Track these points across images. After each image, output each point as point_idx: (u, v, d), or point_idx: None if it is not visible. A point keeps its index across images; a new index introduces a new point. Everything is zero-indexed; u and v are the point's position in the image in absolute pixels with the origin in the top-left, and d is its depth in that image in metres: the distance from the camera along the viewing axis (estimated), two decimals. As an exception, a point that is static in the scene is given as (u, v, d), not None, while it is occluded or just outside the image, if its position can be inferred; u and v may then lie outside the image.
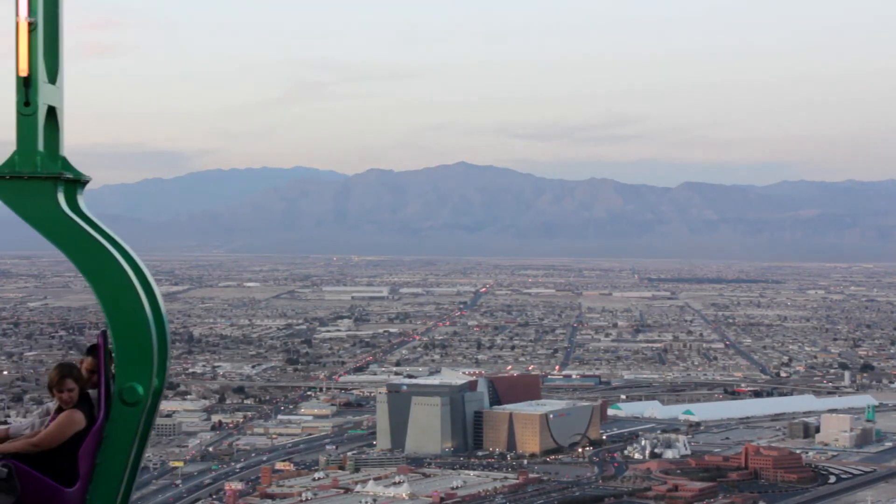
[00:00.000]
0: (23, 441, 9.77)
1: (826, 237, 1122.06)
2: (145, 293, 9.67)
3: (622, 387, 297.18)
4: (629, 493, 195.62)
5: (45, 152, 9.59)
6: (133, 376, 9.51)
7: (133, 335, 9.49)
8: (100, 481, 9.62)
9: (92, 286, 9.52)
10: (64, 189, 9.69)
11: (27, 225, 11.70)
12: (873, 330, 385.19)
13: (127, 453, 9.66)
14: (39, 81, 9.48)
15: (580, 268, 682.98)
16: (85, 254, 9.58)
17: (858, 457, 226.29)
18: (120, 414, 9.59)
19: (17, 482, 9.44)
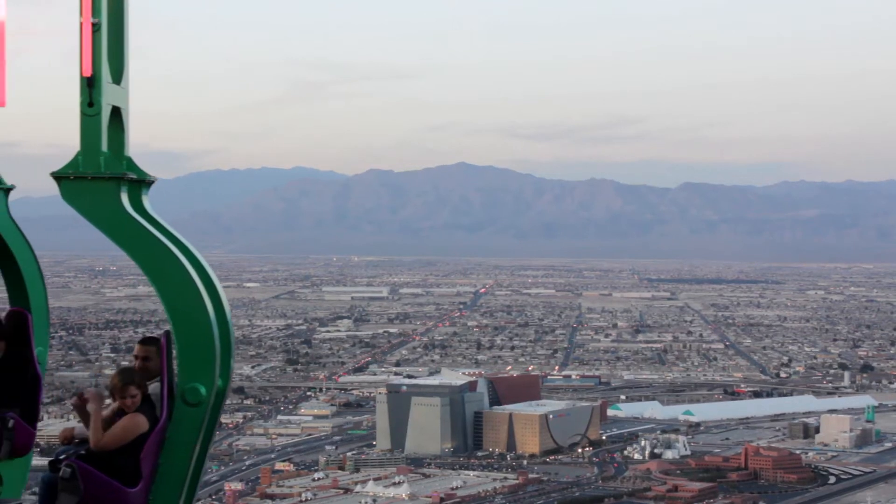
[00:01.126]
0: (96, 430, 9.79)
1: (826, 237, 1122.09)
2: (209, 294, 9.66)
3: (622, 387, 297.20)
4: (629, 494, 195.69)
5: (109, 153, 9.60)
6: (195, 377, 9.50)
7: (195, 336, 9.50)
8: (162, 482, 9.64)
9: (155, 287, 9.54)
10: (128, 189, 9.70)
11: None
12: (873, 330, 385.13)
13: (189, 454, 9.66)
14: (103, 82, 9.48)
15: (580, 268, 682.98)
16: (148, 254, 9.56)
17: (858, 457, 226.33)
18: (182, 415, 9.58)
19: (80, 482, 9.43)
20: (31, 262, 11.66)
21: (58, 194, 11.30)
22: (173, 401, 9.65)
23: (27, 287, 11.59)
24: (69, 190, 9.54)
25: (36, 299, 11.65)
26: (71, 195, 9.55)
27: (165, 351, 9.79)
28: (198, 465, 9.82)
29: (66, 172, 9.53)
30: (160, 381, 9.83)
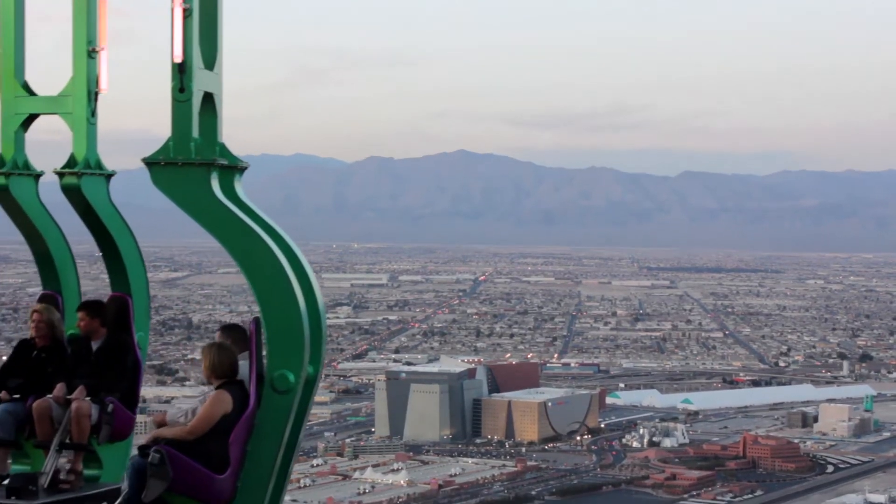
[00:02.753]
0: (178, 429, 9.88)
1: (826, 227, 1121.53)
2: (300, 282, 9.66)
3: (621, 375, 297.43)
4: (627, 482, 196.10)
5: (200, 139, 9.58)
6: (285, 364, 9.51)
7: (285, 324, 9.49)
8: (251, 469, 9.64)
9: (245, 273, 9.53)
10: (219, 175, 9.67)
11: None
12: (872, 320, 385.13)
13: (278, 441, 9.65)
14: (195, 68, 9.48)
15: (579, 256, 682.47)
16: (238, 241, 9.55)
17: (856, 446, 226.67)
18: (271, 401, 9.58)
19: (169, 468, 9.48)
20: (131, 248, 11.82)
21: (55, 179, 11.35)
22: (262, 388, 9.64)
23: (128, 272, 11.79)
24: (159, 176, 9.55)
25: (137, 284, 11.84)
26: (161, 181, 9.56)
27: (255, 337, 9.75)
28: (287, 452, 9.82)
29: (156, 158, 9.54)
30: (249, 367, 9.84)
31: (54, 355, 11.59)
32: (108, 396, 11.05)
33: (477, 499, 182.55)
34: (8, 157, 11.68)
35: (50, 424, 11.04)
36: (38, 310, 11.73)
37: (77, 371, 11.29)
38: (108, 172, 11.69)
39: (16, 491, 10.54)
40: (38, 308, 11.75)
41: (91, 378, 11.14)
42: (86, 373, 11.23)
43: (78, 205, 11.53)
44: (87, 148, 11.48)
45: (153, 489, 9.48)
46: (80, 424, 10.91)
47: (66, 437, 10.96)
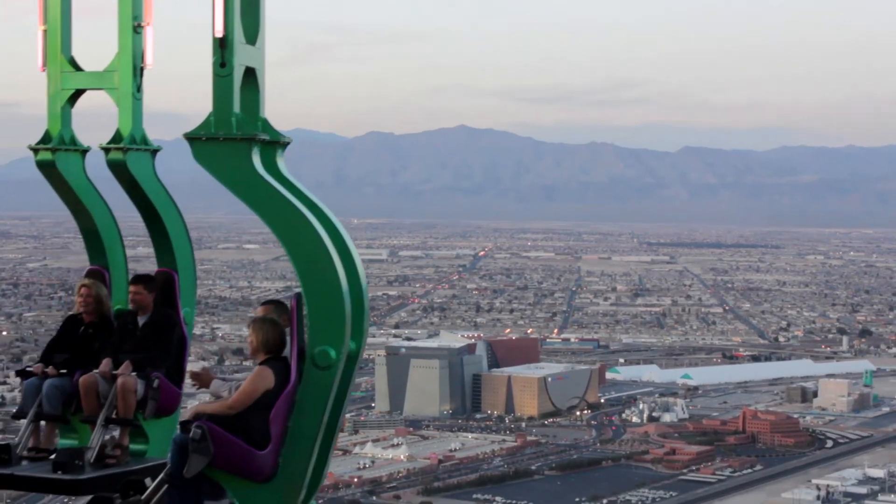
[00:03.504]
0: (219, 403, 9.91)
1: (825, 202, 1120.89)
2: (342, 258, 9.65)
3: (621, 350, 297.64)
4: (627, 457, 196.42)
5: (241, 114, 9.55)
6: (326, 340, 9.50)
7: (326, 299, 9.48)
8: (292, 444, 9.65)
9: (286, 249, 9.52)
10: (260, 151, 9.64)
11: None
12: (872, 295, 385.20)
13: (320, 417, 9.65)
14: (236, 42, 9.45)
15: (579, 232, 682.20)
16: (278, 216, 9.53)
17: (856, 421, 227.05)
18: (313, 377, 9.58)
19: (210, 444, 9.52)
20: (177, 223, 11.82)
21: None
22: (304, 364, 9.65)
23: (174, 248, 11.80)
24: (201, 151, 9.52)
25: (183, 260, 11.84)
26: (202, 156, 9.52)
27: (296, 313, 9.75)
28: (329, 428, 9.81)
29: (197, 133, 9.50)
30: (290, 343, 9.85)
31: (101, 330, 11.70)
32: (154, 372, 11.17)
33: (477, 473, 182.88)
34: (55, 132, 11.75)
35: (96, 399, 11.17)
36: (85, 285, 11.85)
37: (123, 346, 11.39)
38: (154, 147, 11.73)
39: (62, 465, 10.70)
40: (85, 283, 11.87)
41: (137, 353, 11.26)
42: (132, 348, 11.34)
43: (123, 180, 11.56)
44: (133, 123, 11.54)
45: (195, 464, 9.53)
46: (126, 399, 11.06)
47: (113, 412, 11.11)
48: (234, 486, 9.69)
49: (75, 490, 10.77)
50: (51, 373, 11.50)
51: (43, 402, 11.44)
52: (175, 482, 9.70)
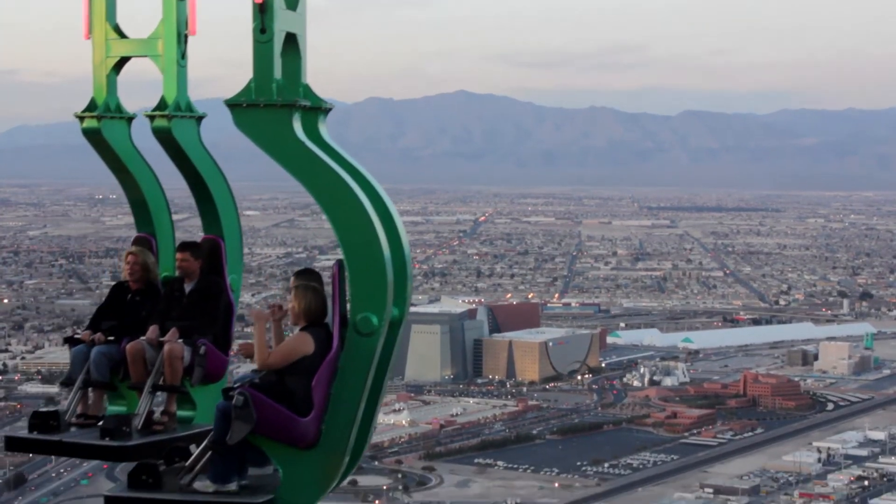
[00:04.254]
0: (256, 354, 9.91)
1: (826, 165, 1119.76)
2: (384, 224, 9.59)
3: (621, 315, 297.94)
4: (628, 420, 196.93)
5: (282, 80, 9.48)
6: (368, 307, 9.46)
7: (367, 266, 9.44)
8: (335, 412, 9.61)
9: (327, 215, 9.48)
10: (301, 117, 9.56)
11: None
12: (872, 258, 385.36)
13: (362, 384, 9.61)
14: (276, 8, 9.37)
15: (580, 196, 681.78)
16: (320, 183, 9.46)
17: (856, 384, 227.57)
18: (355, 344, 9.54)
19: (253, 411, 9.51)
20: (223, 190, 11.82)
21: (54, 122, 11.32)
22: (346, 331, 9.61)
23: (220, 215, 11.79)
24: (241, 118, 9.44)
25: (229, 227, 11.85)
26: (243, 123, 9.45)
27: (338, 280, 9.70)
28: (372, 396, 9.78)
29: (238, 100, 9.43)
30: (332, 309, 9.81)
31: (148, 297, 11.74)
32: (201, 339, 11.22)
33: (478, 438, 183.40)
34: (100, 100, 11.74)
35: (143, 366, 11.21)
36: (132, 252, 11.89)
37: (170, 313, 11.41)
38: (199, 115, 11.67)
39: (110, 432, 10.77)
40: (132, 251, 11.91)
41: (184, 320, 11.28)
42: (179, 315, 11.36)
43: (169, 147, 11.51)
44: (178, 90, 11.49)
45: (238, 431, 9.54)
46: (173, 366, 11.10)
47: (160, 378, 11.15)
48: (277, 452, 9.70)
49: (122, 456, 10.84)
50: (98, 340, 11.54)
51: (91, 369, 11.45)
52: (218, 449, 9.73)
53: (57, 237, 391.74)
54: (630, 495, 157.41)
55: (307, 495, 9.76)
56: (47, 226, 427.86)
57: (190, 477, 9.88)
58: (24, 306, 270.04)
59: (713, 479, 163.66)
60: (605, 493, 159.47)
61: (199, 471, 9.88)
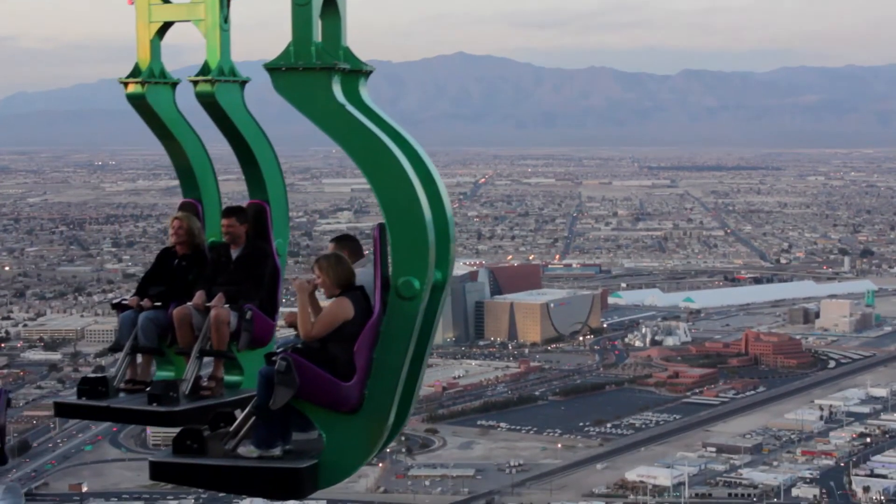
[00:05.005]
0: (300, 326, 9.93)
1: (826, 123, 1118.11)
2: (425, 188, 9.55)
3: (622, 275, 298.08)
4: (630, 381, 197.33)
5: (321, 43, 9.45)
6: (409, 271, 9.42)
7: (408, 229, 9.38)
8: (378, 376, 9.58)
9: (367, 179, 9.46)
10: (341, 80, 9.51)
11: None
12: (873, 215, 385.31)
13: (405, 348, 9.57)
14: None
15: (580, 157, 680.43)
16: (360, 146, 9.43)
17: (858, 342, 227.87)
18: (396, 308, 9.50)
19: (295, 376, 9.52)
20: (268, 154, 11.79)
21: (53, 89, 11.23)
22: (387, 295, 9.58)
23: (265, 179, 11.74)
24: (281, 82, 9.41)
25: (275, 191, 11.80)
26: (283, 87, 9.42)
27: (379, 244, 9.69)
28: (416, 360, 9.75)
29: (277, 64, 9.39)
30: (373, 273, 9.80)
31: (195, 263, 11.76)
32: (247, 304, 11.23)
33: (481, 400, 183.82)
34: (144, 65, 11.76)
35: (190, 331, 11.26)
36: (178, 217, 11.90)
37: (217, 279, 11.45)
38: (243, 79, 11.64)
39: (157, 397, 10.89)
40: (178, 216, 11.92)
41: (230, 285, 11.32)
42: (225, 280, 11.40)
43: (213, 112, 11.50)
44: (221, 55, 11.44)
45: (280, 396, 9.54)
46: (220, 331, 11.14)
47: (207, 344, 11.20)
48: (320, 417, 9.71)
49: (170, 422, 10.88)
50: (146, 305, 11.56)
51: (138, 334, 11.50)
52: (262, 414, 9.75)
53: (57, 204, 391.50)
54: (633, 455, 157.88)
55: (351, 460, 9.78)
56: (47, 193, 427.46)
57: (234, 442, 9.93)
58: (25, 273, 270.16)
59: (715, 438, 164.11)
60: (608, 453, 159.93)
61: (243, 436, 9.92)
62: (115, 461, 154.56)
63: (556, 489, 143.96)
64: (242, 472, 9.77)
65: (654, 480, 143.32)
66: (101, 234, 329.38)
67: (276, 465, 9.72)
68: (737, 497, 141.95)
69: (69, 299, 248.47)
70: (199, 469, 9.91)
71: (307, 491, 9.79)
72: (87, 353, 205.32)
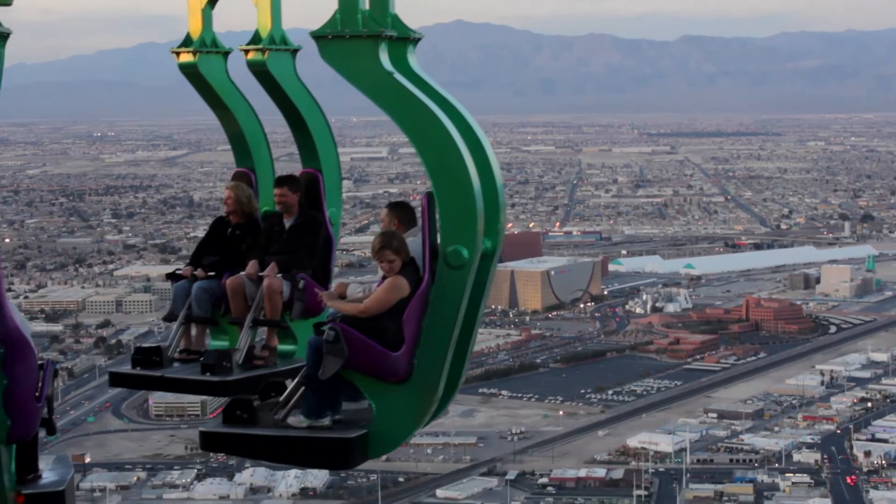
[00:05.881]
0: (351, 306, 9.88)
1: (826, 88, 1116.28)
2: (474, 156, 9.45)
3: (623, 242, 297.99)
4: (631, 347, 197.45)
5: (369, 10, 9.37)
6: (457, 240, 9.33)
7: (456, 198, 9.28)
8: (427, 346, 9.55)
9: (415, 147, 9.35)
10: (388, 48, 9.42)
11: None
12: (873, 180, 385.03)
13: (454, 317, 9.51)
14: None
15: (579, 124, 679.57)
16: (407, 115, 9.33)
17: (858, 306, 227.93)
18: (445, 277, 9.44)
19: (344, 345, 9.53)
20: (321, 123, 11.89)
21: (52, 60, 11.14)
22: (435, 264, 9.53)
23: (318, 148, 11.80)
24: (327, 50, 9.35)
25: (327, 160, 11.84)
26: (329, 55, 9.36)
27: (427, 212, 9.61)
28: (466, 330, 9.68)
29: (324, 32, 9.33)
30: (421, 243, 9.74)
31: (248, 232, 11.81)
32: (300, 273, 11.26)
33: (482, 368, 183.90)
34: (195, 35, 11.79)
35: (244, 301, 11.32)
36: (230, 187, 11.98)
37: (270, 248, 11.49)
38: (294, 48, 11.68)
39: (210, 367, 10.99)
40: (230, 185, 12.00)
41: (283, 254, 11.36)
42: (278, 250, 11.45)
43: (264, 81, 11.52)
44: (272, 24, 11.48)
45: (329, 366, 9.58)
46: (272, 301, 11.20)
47: (260, 313, 11.26)
48: (369, 387, 9.71)
49: (223, 391, 10.95)
50: (199, 275, 11.61)
51: (192, 304, 11.54)
52: (311, 384, 9.77)
53: (56, 175, 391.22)
54: (634, 422, 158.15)
55: (400, 430, 9.79)
56: (46, 164, 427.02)
57: (284, 412, 9.91)
58: (25, 245, 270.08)
59: (717, 404, 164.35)
60: (609, 419, 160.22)
61: (292, 406, 9.91)
62: (117, 432, 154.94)
63: (557, 456, 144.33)
64: (292, 442, 9.78)
65: (655, 447, 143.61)
66: (101, 205, 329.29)
67: (326, 436, 9.74)
68: (738, 463, 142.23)
69: (70, 271, 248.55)
70: (248, 439, 9.92)
71: (356, 461, 9.85)
72: (88, 324, 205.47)
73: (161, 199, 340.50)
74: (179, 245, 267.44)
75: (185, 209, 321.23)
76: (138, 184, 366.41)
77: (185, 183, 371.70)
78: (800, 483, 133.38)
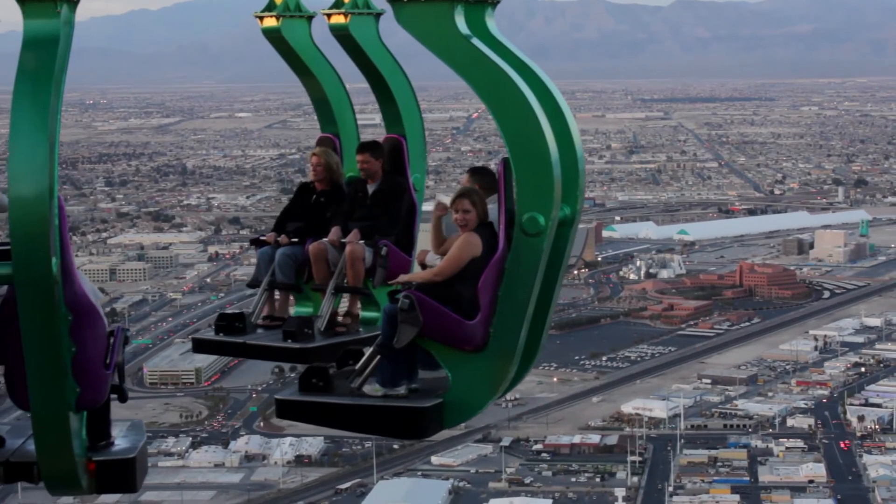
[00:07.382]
0: (426, 272, 9.91)
1: (820, 52, 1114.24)
2: (552, 121, 9.31)
3: (616, 208, 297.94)
4: (625, 314, 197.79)
5: None
6: (534, 206, 9.19)
7: (533, 164, 9.13)
8: (503, 314, 9.43)
9: (492, 113, 9.19)
10: (465, 11, 9.23)
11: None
12: (867, 145, 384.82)
13: (530, 285, 9.40)
14: None
15: (572, 90, 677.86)
16: (483, 80, 9.15)
17: (852, 272, 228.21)
18: (521, 244, 9.31)
19: (419, 313, 9.45)
20: (405, 89, 11.92)
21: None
22: (512, 231, 9.41)
23: (402, 113, 11.82)
24: (403, 13, 9.16)
25: (411, 126, 11.84)
26: (405, 19, 9.17)
27: (503, 179, 9.54)
28: (543, 297, 9.62)
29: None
30: (498, 209, 9.66)
31: (332, 198, 11.83)
32: (382, 240, 11.32)
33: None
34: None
35: (326, 268, 11.38)
36: (316, 153, 12.11)
37: (353, 214, 11.52)
38: (377, 11, 11.65)
39: (292, 334, 11.08)
40: (316, 152, 12.13)
41: (366, 221, 11.40)
42: (361, 216, 11.49)
43: (347, 46, 11.56)
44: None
45: (404, 334, 9.50)
46: (355, 267, 11.28)
47: (342, 280, 11.32)
48: (444, 355, 9.62)
49: (304, 358, 10.96)
50: (283, 241, 11.62)
51: (276, 270, 11.56)
52: (386, 352, 9.72)
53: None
54: (629, 388, 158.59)
55: (477, 399, 9.69)
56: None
57: (360, 380, 9.87)
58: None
59: (711, 370, 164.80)
60: (604, 386, 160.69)
61: (368, 374, 9.87)
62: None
63: (552, 422, 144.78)
64: (367, 410, 9.72)
65: (649, 413, 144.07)
66: (94, 173, 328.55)
67: (401, 405, 9.67)
68: (732, 428, 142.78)
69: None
70: (323, 407, 9.86)
71: (432, 430, 9.77)
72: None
73: (154, 166, 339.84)
74: (173, 213, 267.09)
75: (179, 177, 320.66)
76: (131, 151, 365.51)
77: (178, 150, 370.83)
78: (793, 448, 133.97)
